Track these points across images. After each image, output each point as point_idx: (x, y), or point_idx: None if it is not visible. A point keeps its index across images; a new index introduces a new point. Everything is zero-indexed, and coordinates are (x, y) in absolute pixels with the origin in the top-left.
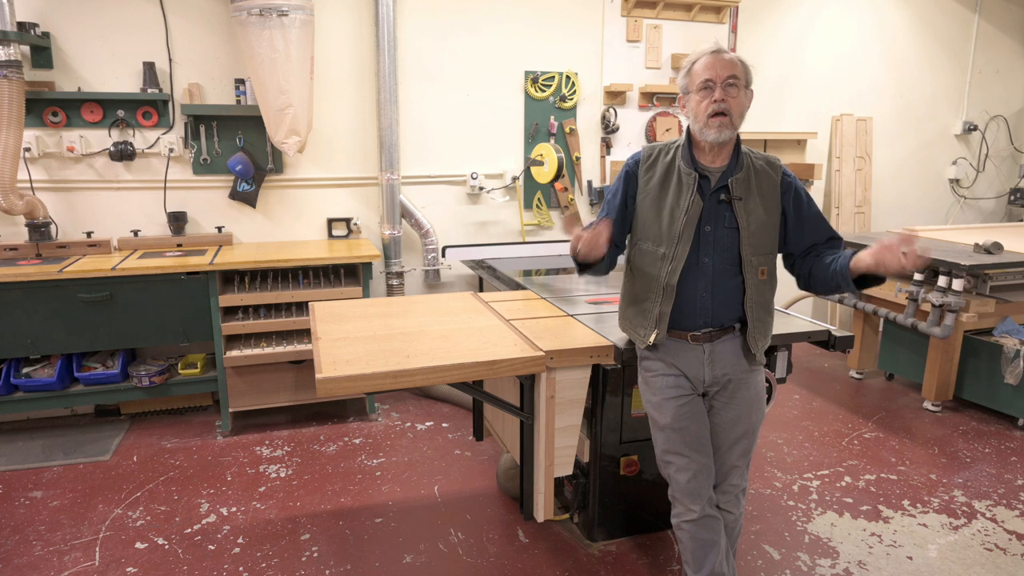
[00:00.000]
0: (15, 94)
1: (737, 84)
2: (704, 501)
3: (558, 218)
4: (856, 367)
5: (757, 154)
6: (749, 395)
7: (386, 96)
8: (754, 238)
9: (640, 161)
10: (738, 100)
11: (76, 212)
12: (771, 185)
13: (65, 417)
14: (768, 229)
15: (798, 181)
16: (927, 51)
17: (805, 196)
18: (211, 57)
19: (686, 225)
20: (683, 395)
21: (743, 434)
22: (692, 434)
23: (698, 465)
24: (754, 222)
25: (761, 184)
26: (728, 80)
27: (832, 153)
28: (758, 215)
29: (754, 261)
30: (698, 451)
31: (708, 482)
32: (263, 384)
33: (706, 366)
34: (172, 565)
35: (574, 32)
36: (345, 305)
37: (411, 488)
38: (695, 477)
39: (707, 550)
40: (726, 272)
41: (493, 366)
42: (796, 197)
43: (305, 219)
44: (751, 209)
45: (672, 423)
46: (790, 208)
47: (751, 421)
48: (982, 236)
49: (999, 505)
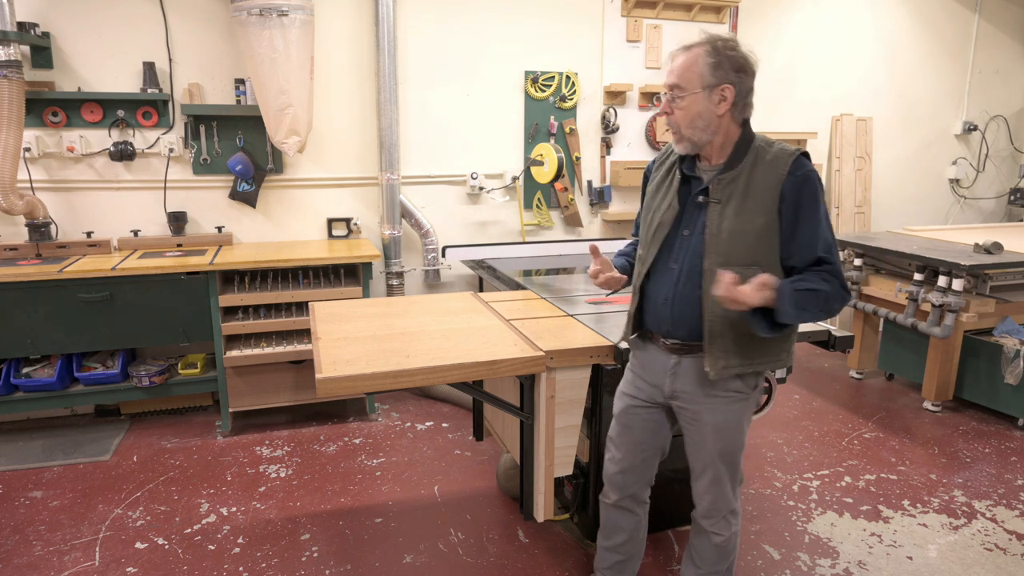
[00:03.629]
0: (15, 94)
1: (680, 95)
2: (624, 494)
3: (558, 218)
4: (856, 367)
5: (776, 147)
6: (713, 421)
7: (386, 96)
8: (724, 247)
9: (655, 162)
10: (685, 111)
11: (76, 212)
12: (767, 187)
13: (65, 417)
14: (749, 236)
15: (811, 186)
16: (927, 51)
17: (808, 206)
18: (211, 57)
19: (659, 229)
20: (637, 398)
21: (708, 463)
22: (634, 436)
23: (628, 464)
24: (727, 228)
25: (755, 186)
26: (672, 91)
27: (832, 153)
28: (735, 221)
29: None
30: (633, 453)
31: (635, 481)
32: (263, 384)
33: (668, 376)
34: (172, 565)
35: (574, 32)
36: (345, 305)
37: (411, 488)
38: (622, 473)
39: (614, 532)
40: (691, 281)
41: (493, 366)
42: (795, 205)
43: (305, 219)
44: (729, 214)
45: (618, 417)
46: (785, 215)
47: (713, 449)
48: (982, 236)
49: (999, 505)
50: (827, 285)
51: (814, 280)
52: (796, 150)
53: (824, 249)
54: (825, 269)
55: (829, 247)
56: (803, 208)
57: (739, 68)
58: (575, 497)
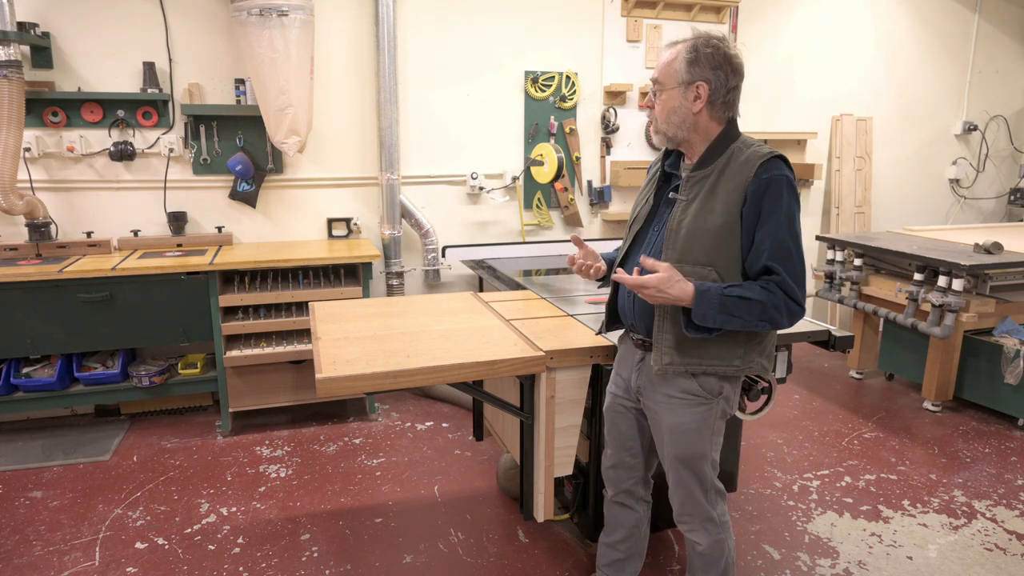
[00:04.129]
0: (15, 94)
1: (658, 89)
2: (619, 489)
3: (558, 218)
4: (856, 367)
5: (753, 148)
6: (669, 423)
7: (386, 96)
8: (683, 244)
9: (656, 161)
10: (662, 105)
11: (76, 212)
12: (733, 187)
13: (65, 417)
14: (707, 236)
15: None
16: (927, 51)
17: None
18: (211, 57)
19: (633, 224)
20: (614, 393)
21: (669, 465)
22: (620, 431)
23: (617, 460)
24: (686, 226)
25: (723, 185)
26: (654, 85)
27: (832, 153)
28: (696, 220)
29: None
30: (621, 447)
31: (627, 477)
32: (263, 384)
33: (634, 372)
34: (172, 565)
35: (574, 32)
36: (345, 305)
37: (411, 488)
38: (614, 468)
39: (614, 528)
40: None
41: (493, 366)
42: (754, 207)
43: (305, 219)
44: (691, 212)
45: (605, 412)
46: (748, 218)
47: (671, 454)
48: (982, 236)
49: (999, 505)
50: (765, 295)
51: (751, 289)
52: (770, 152)
53: (774, 258)
54: (773, 280)
55: (784, 256)
56: (762, 213)
57: (717, 66)
58: (575, 497)
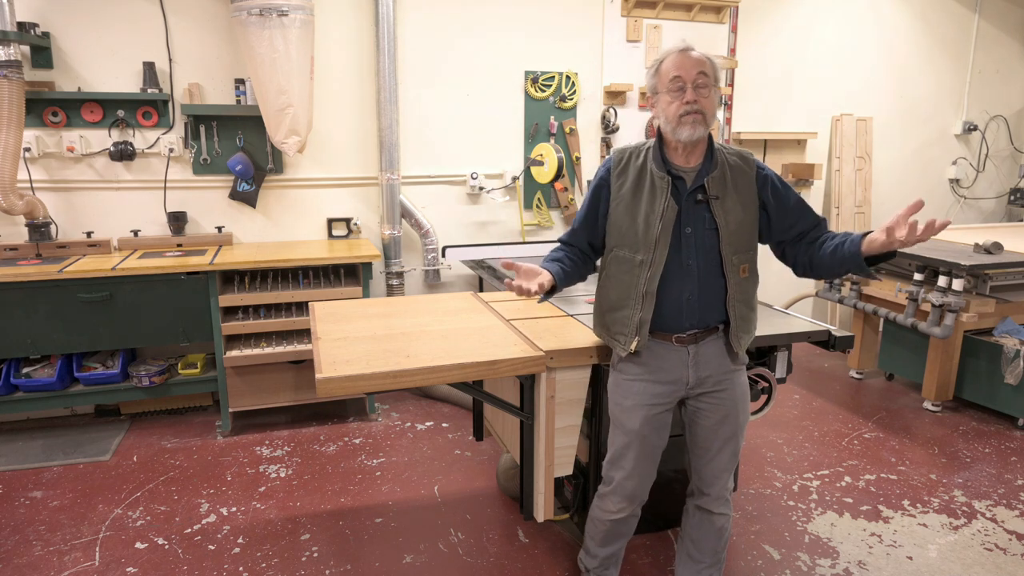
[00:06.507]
0: (15, 94)
1: (707, 82)
2: (637, 504)
3: (558, 218)
4: (856, 367)
5: (730, 149)
6: (735, 394)
7: (386, 96)
8: (734, 237)
9: (611, 168)
10: (709, 99)
11: (76, 212)
12: (746, 181)
13: (65, 417)
14: (747, 226)
15: (773, 172)
16: (927, 51)
17: (782, 185)
18: (211, 57)
19: (663, 231)
20: (656, 404)
21: (731, 435)
22: (652, 444)
23: (645, 473)
24: (733, 220)
25: (737, 181)
26: (698, 79)
27: (832, 153)
28: (736, 213)
29: (735, 260)
30: (651, 460)
31: (647, 487)
32: (263, 384)
33: (690, 368)
34: (172, 565)
35: (574, 32)
36: (345, 305)
37: (411, 488)
38: (640, 484)
39: (615, 538)
40: (711, 273)
41: (493, 366)
42: (774, 188)
43: (305, 219)
44: (729, 208)
45: (639, 429)
46: (770, 200)
47: (738, 421)
48: (982, 236)
49: (999, 505)
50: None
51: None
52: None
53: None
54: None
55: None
56: (780, 192)
57: None
58: (575, 497)
